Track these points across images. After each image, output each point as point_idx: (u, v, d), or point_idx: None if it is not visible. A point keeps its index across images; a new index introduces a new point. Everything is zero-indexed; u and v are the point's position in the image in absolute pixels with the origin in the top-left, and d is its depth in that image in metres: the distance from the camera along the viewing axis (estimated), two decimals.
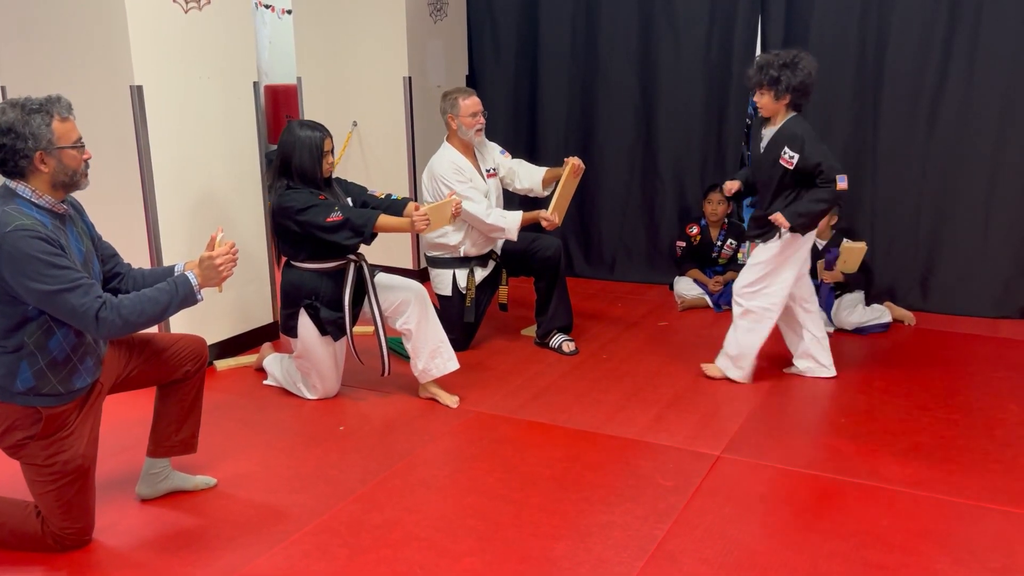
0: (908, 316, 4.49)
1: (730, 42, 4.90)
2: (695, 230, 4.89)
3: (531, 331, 4.31)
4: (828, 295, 4.38)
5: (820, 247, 4.48)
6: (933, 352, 4.07)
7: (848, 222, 4.66)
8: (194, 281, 2.43)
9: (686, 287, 4.85)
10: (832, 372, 3.74)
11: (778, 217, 3.40)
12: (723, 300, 4.76)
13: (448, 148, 4.06)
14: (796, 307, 3.67)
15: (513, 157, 4.33)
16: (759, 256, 3.56)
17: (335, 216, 3.26)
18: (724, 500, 2.74)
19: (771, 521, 2.62)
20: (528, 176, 4.20)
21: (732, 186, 3.69)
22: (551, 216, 3.92)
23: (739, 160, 5.23)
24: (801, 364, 3.77)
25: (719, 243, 4.85)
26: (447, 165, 4.00)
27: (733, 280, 4.76)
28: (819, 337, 3.74)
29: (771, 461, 2.99)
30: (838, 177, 3.34)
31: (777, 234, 3.48)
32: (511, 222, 3.92)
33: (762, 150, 3.48)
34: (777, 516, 2.65)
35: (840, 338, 4.27)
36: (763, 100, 3.40)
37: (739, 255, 4.84)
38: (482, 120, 4.02)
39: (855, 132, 4.69)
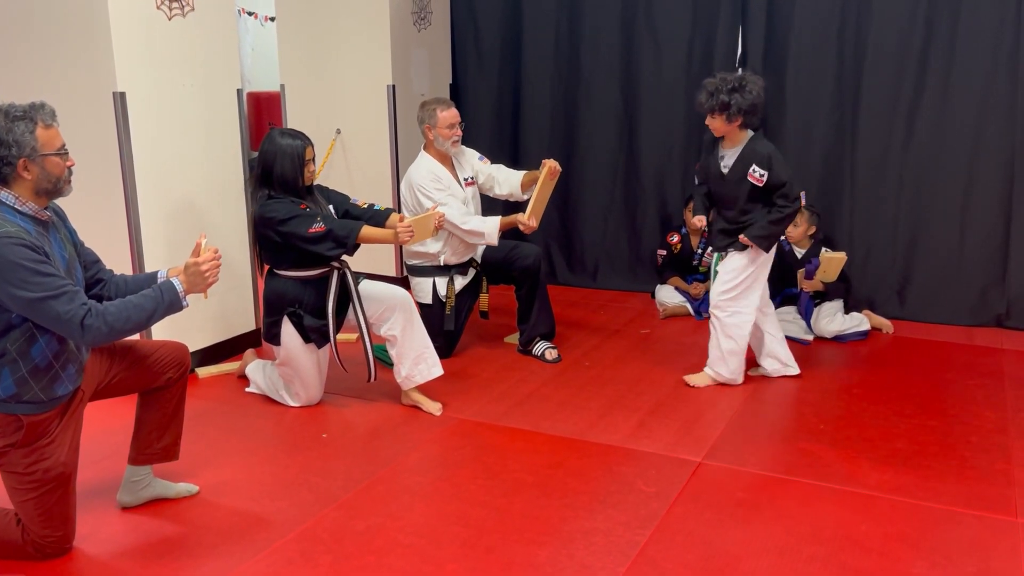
0: (886, 324, 4.55)
1: (711, 53, 4.96)
2: (676, 239, 4.93)
3: (514, 339, 4.32)
4: (808, 304, 4.43)
5: (800, 256, 4.54)
6: (910, 359, 4.12)
7: (827, 232, 4.72)
8: (179, 287, 2.43)
9: (667, 295, 4.89)
10: (796, 370, 3.85)
11: (746, 241, 3.55)
12: (704, 308, 4.79)
13: (425, 157, 4.07)
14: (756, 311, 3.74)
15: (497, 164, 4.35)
16: (733, 264, 3.63)
17: (317, 227, 3.26)
18: (705, 506, 2.76)
19: (751, 526, 2.65)
20: (507, 181, 4.21)
21: (701, 223, 3.73)
22: (528, 220, 3.92)
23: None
24: (767, 365, 3.86)
25: (700, 251, 4.89)
26: (424, 174, 4.00)
27: None
28: (778, 337, 3.85)
29: (751, 467, 3.02)
30: (802, 194, 3.63)
31: (748, 247, 3.59)
32: (490, 227, 3.93)
33: (725, 169, 3.58)
34: (757, 521, 2.67)
35: (819, 346, 4.32)
36: (715, 123, 3.51)
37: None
38: (459, 132, 4.02)
39: (834, 143, 4.75)
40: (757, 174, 3.49)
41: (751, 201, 3.55)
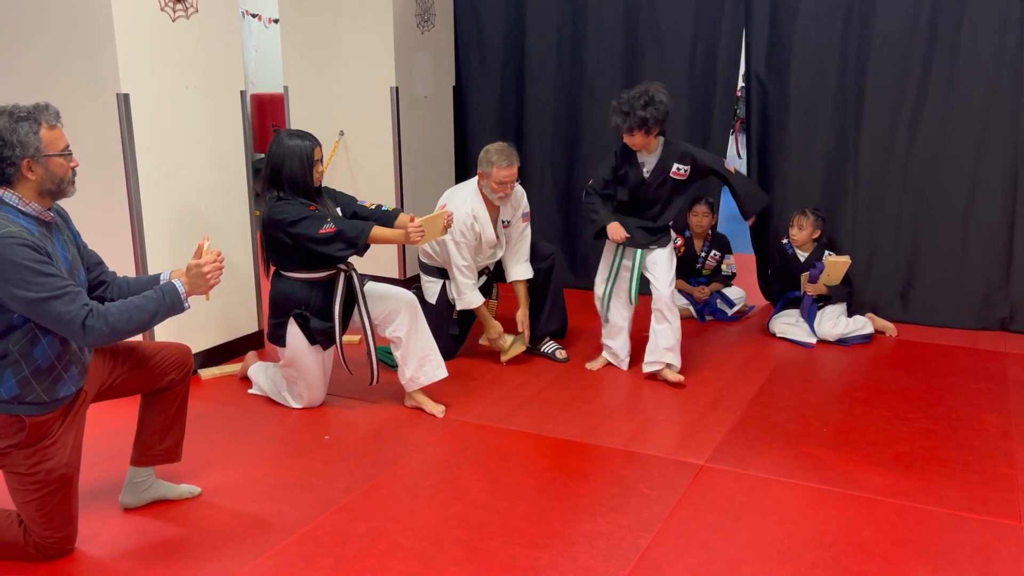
0: (889, 328, 4.54)
1: (714, 55, 4.95)
2: (679, 242, 4.92)
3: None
4: (811, 307, 4.42)
5: (803, 260, 4.53)
6: (914, 363, 4.11)
7: (830, 235, 4.72)
8: (181, 289, 2.43)
9: None
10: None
11: (751, 221, 4.21)
12: (707, 310, 4.80)
13: (476, 194, 3.93)
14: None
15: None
16: (664, 259, 3.84)
17: (327, 228, 3.25)
18: (707, 509, 2.76)
19: (754, 530, 2.64)
20: (509, 261, 4.13)
21: (621, 234, 3.78)
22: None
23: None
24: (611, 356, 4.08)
25: (703, 254, 4.88)
26: (464, 217, 3.85)
27: (719, 290, 4.84)
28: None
29: (754, 470, 3.02)
30: (726, 162, 3.97)
31: (672, 239, 3.94)
32: (467, 301, 3.93)
33: (647, 175, 3.78)
34: (760, 525, 2.67)
35: (822, 349, 4.31)
36: (635, 139, 3.67)
37: (723, 266, 4.88)
38: (508, 191, 3.89)
39: (837, 146, 4.74)
40: (681, 170, 3.76)
41: (674, 195, 3.84)
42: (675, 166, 3.75)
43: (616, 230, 3.78)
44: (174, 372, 2.69)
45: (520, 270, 4.10)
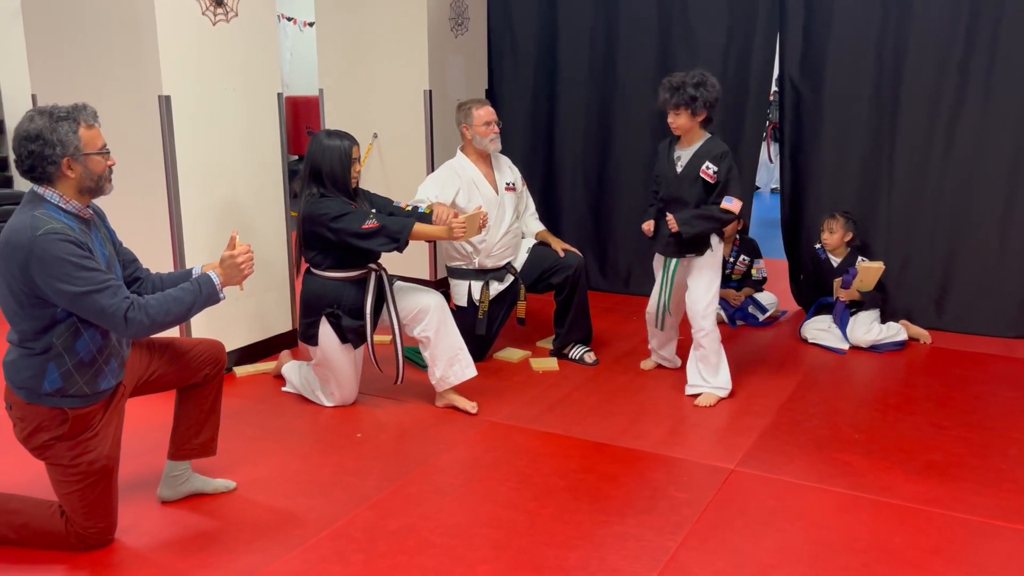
0: (923, 335, 4.49)
1: (748, 60, 4.93)
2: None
3: (547, 342, 4.34)
4: (843, 312, 4.39)
5: (836, 265, 4.50)
6: (948, 371, 4.07)
7: (863, 239, 4.68)
8: (216, 280, 2.49)
9: None
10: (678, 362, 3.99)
11: (671, 219, 3.55)
12: (738, 315, 4.78)
13: (460, 157, 4.11)
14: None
15: (532, 171, 4.37)
16: (703, 272, 3.63)
17: (371, 223, 3.30)
18: (737, 513, 2.76)
19: (784, 535, 2.63)
20: (528, 223, 4.32)
21: (650, 227, 3.72)
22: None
23: (753, 176, 5.26)
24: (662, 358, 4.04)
25: (732, 259, 4.86)
26: (442, 169, 4.08)
27: (751, 295, 4.82)
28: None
29: (784, 475, 3.01)
30: (725, 198, 3.50)
31: (709, 248, 3.61)
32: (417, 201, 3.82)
33: (680, 169, 3.59)
34: (790, 530, 2.66)
35: (855, 355, 4.28)
36: (679, 120, 3.52)
37: (753, 271, 4.86)
38: (496, 129, 4.03)
39: (872, 150, 4.70)
40: (711, 170, 3.50)
41: (703, 202, 3.55)
42: (706, 164, 3.51)
43: (647, 226, 3.73)
44: (208, 367, 2.75)
45: (534, 223, 4.34)
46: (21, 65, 6.01)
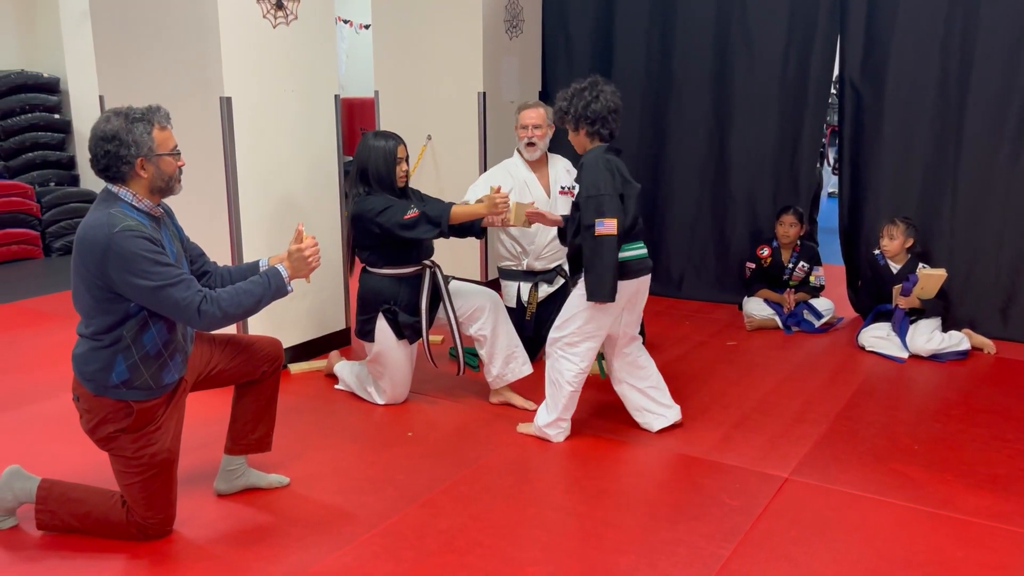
0: (988, 344, 4.36)
1: (807, 62, 4.85)
2: (766, 252, 4.84)
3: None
4: (903, 320, 4.29)
5: (895, 272, 4.39)
6: (1013, 382, 3.94)
7: (925, 246, 4.56)
8: (284, 273, 2.55)
9: (756, 307, 4.81)
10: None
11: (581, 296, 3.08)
12: (792, 321, 4.70)
13: (516, 157, 4.12)
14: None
15: None
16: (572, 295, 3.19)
17: (412, 212, 3.34)
18: (791, 523, 2.71)
19: (839, 546, 2.58)
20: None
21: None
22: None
23: (813, 181, 5.17)
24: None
25: (791, 265, 4.79)
26: (497, 168, 4.10)
27: (806, 300, 4.73)
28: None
29: (841, 485, 2.94)
30: (596, 221, 2.94)
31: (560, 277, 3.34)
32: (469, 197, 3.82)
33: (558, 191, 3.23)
34: (845, 541, 2.60)
35: (914, 364, 4.17)
36: (569, 136, 3.16)
37: (811, 278, 4.78)
38: (532, 134, 3.96)
39: (935, 155, 4.59)
40: (572, 187, 3.04)
41: (572, 225, 3.09)
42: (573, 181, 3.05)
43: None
44: (266, 364, 2.80)
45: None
46: (89, 67, 6.21)
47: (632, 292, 3.14)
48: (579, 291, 3.12)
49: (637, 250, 3.12)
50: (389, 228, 3.36)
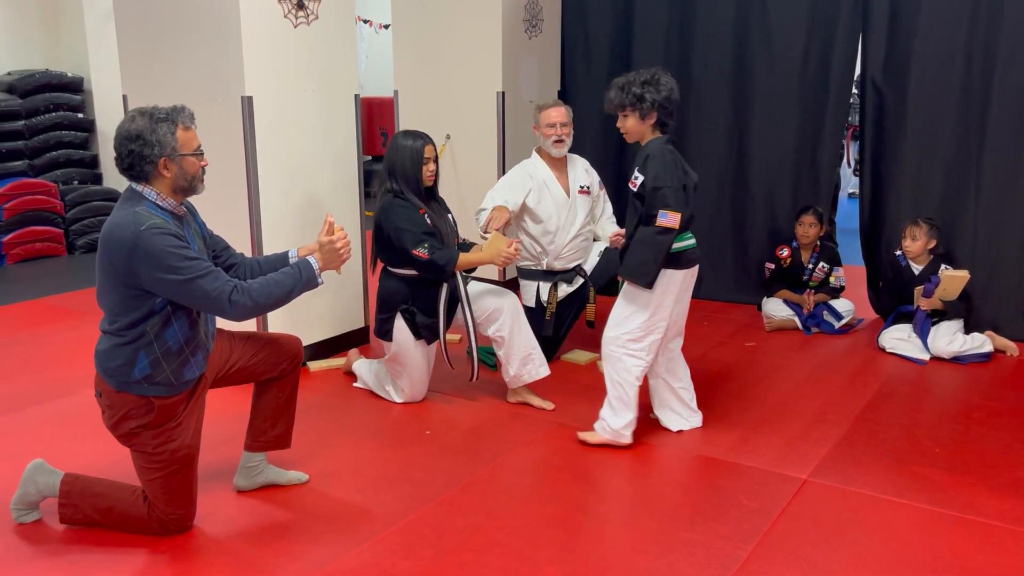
0: (1010, 347, 4.31)
1: (828, 60, 4.82)
2: (785, 252, 4.82)
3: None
4: (924, 322, 4.25)
5: (917, 272, 4.36)
6: None
7: (948, 247, 4.52)
8: (316, 265, 2.56)
9: (775, 308, 4.78)
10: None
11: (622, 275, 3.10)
12: (812, 322, 4.67)
13: (535, 158, 4.12)
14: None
15: (603, 175, 4.34)
16: (625, 295, 3.16)
17: (421, 252, 3.36)
18: (810, 524, 2.69)
19: (858, 549, 2.56)
20: (603, 227, 4.23)
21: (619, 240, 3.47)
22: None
23: (833, 181, 5.14)
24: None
25: (810, 266, 4.76)
26: (515, 171, 4.09)
27: (826, 301, 4.70)
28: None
29: (860, 488, 2.92)
30: (659, 212, 2.96)
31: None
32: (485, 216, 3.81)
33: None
34: (865, 544, 2.59)
35: (936, 366, 4.13)
36: (628, 123, 3.11)
37: (831, 279, 4.75)
38: (560, 132, 3.98)
39: (958, 155, 4.54)
40: (634, 177, 3.03)
41: (635, 215, 3.07)
42: (635, 172, 3.09)
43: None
44: (286, 362, 2.81)
45: (611, 227, 4.21)
46: (113, 66, 6.27)
47: (687, 282, 3.18)
48: (632, 288, 3.11)
49: (689, 240, 3.15)
50: (400, 248, 3.40)
